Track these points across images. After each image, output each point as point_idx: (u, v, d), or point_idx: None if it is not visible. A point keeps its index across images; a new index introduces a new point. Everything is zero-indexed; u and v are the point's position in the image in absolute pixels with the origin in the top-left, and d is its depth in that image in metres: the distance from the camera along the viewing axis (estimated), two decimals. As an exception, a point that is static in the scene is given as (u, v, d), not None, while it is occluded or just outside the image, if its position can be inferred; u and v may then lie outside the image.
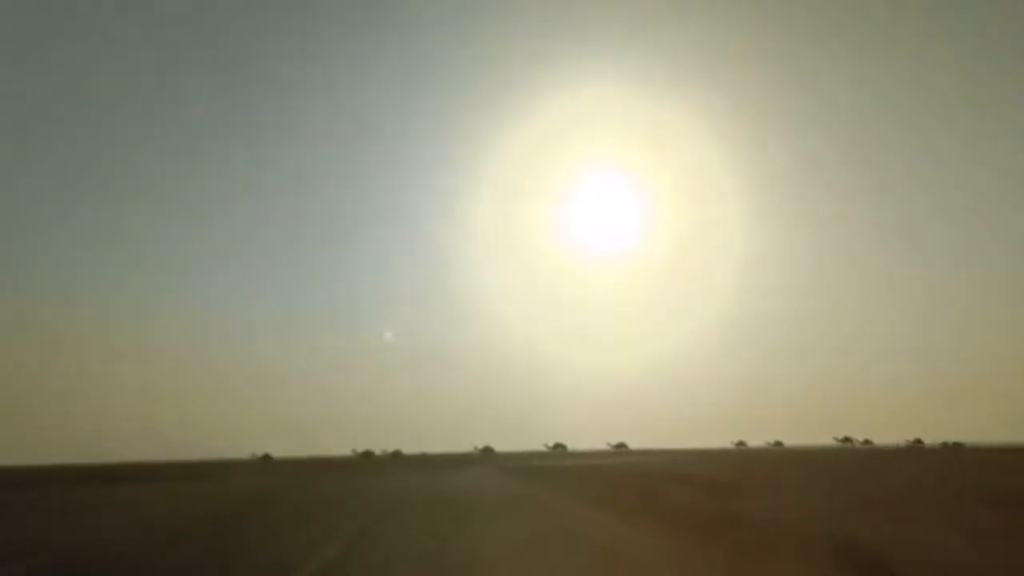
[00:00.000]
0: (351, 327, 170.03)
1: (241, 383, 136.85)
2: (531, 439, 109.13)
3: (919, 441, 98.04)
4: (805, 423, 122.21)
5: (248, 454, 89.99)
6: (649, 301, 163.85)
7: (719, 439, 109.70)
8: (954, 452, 54.78)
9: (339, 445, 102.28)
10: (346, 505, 15.20)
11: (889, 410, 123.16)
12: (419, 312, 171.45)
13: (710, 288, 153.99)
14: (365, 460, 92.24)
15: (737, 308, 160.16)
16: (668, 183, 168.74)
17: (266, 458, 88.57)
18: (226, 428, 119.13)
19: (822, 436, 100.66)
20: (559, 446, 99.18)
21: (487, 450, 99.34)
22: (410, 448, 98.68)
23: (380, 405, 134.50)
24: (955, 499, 12.43)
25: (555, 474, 27.66)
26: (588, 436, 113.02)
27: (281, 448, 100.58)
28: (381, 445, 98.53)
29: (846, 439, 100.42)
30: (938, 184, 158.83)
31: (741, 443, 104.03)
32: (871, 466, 27.71)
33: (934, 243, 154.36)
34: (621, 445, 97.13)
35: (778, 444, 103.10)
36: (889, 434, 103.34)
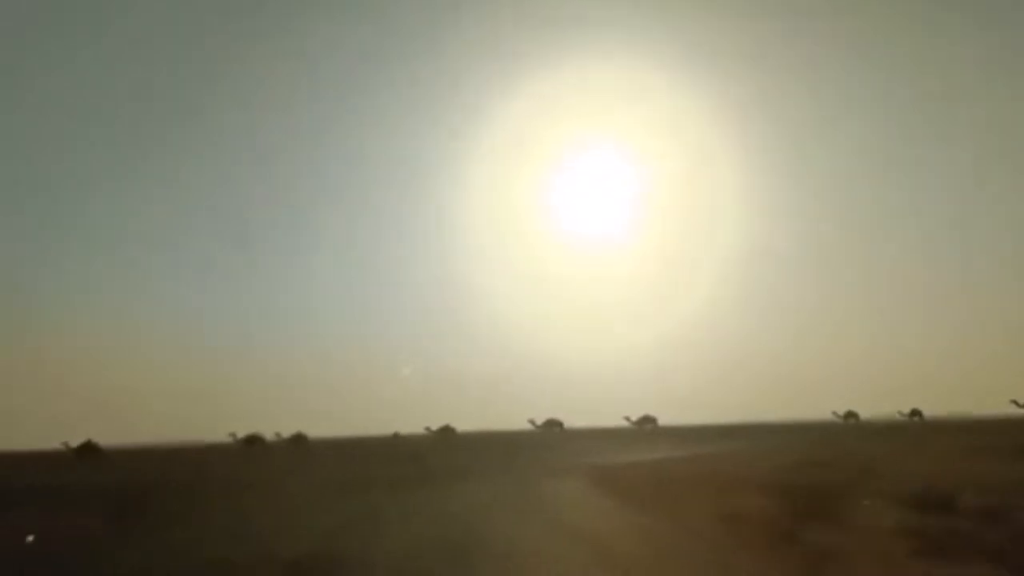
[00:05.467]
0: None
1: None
2: (495, 417, 75.51)
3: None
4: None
5: (59, 443, 58.22)
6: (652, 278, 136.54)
7: (814, 410, 72.33)
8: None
9: (212, 427, 69.18)
10: None
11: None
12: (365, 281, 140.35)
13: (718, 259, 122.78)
14: (252, 450, 59.12)
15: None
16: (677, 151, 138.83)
17: (87, 449, 56.48)
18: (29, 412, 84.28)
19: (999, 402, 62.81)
20: (554, 423, 64.24)
21: (446, 430, 66.09)
22: (315, 430, 65.29)
23: (272, 380, 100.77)
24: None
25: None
26: (582, 413, 78.88)
27: (117, 434, 67.33)
28: (272, 427, 65.01)
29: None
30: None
31: (850, 414, 65.79)
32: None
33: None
34: (647, 419, 60.99)
35: (915, 414, 64.32)
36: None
